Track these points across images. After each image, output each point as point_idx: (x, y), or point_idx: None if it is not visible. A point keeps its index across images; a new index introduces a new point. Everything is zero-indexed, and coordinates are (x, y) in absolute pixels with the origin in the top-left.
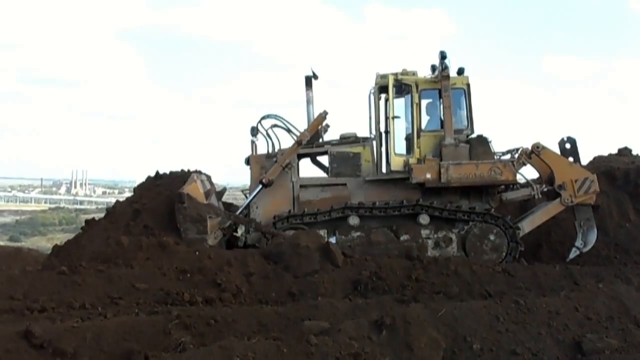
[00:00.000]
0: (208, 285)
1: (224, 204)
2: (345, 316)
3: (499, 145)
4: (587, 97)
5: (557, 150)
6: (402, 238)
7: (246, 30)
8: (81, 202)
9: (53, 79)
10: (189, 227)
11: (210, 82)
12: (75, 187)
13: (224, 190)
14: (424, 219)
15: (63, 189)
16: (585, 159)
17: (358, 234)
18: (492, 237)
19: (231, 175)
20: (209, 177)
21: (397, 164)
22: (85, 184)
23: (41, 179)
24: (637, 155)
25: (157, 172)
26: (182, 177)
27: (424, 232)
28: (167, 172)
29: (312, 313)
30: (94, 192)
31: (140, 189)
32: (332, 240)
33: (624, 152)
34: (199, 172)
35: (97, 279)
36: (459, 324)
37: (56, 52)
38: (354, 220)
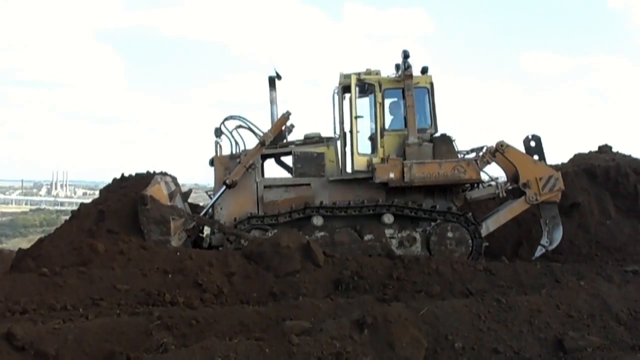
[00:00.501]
0: (189, 285)
1: (191, 205)
2: (327, 316)
3: (466, 143)
4: (567, 94)
5: (522, 149)
6: (365, 238)
7: (225, 31)
8: (62, 204)
9: (33, 81)
10: (152, 229)
11: (189, 83)
12: (55, 188)
13: (189, 191)
14: (388, 218)
15: (44, 191)
16: (565, 157)
17: (322, 234)
18: (455, 235)
19: (211, 175)
20: (174, 179)
21: (360, 163)
22: (66, 185)
23: (22, 181)
24: (618, 152)
25: (123, 174)
26: (147, 178)
27: (388, 232)
28: (133, 174)
29: (293, 313)
30: (75, 193)
31: (106, 191)
32: None
33: (605, 149)
34: (163, 174)
35: (78, 280)
36: (441, 323)
37: (36, 53)
38: (317, 221)
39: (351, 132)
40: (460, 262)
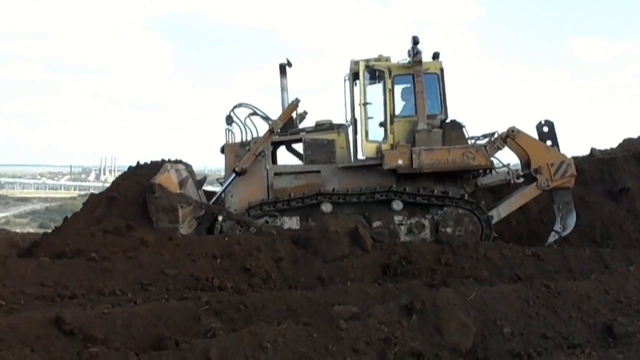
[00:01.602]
0: (237, 270)
1: (207, 192)
2: (375, 301)
3: (480, 129)
4: (615, 79)
5: (535, 134)
6: (374, 224)
7: (273, 17)
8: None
9: (80, 67)
10: (160, 217)
11: (236, 69)
12: (104, 173)
13: (204, 179)
14: (397, 205)
15: (92, 176)
16: (614, 142)
17: None
18: (465, 223)
19: None
20: (188, 166)
21: (369, 150)
22: (114, 171)
23: (70, 166)
24: None
25: (138, 162)
26: (160, 167)
27: (397, 218)
28: (149, 161)
29: (341, 298)
30: None
31: (120, 179)
32: None
33: None
34: (176, 162)
35: (126, 265)
36: (489, 308)
37: (84, 40)
38: (326, 207)
39: (360, 118)
40: (509, 247)
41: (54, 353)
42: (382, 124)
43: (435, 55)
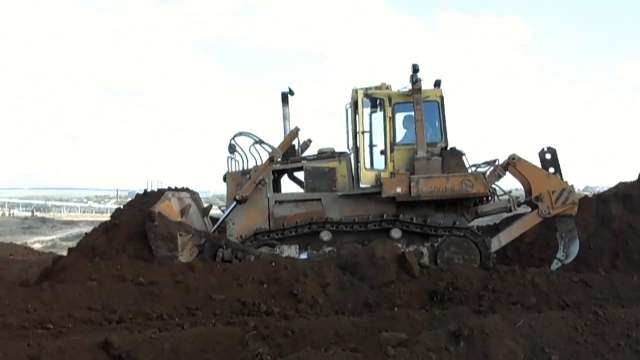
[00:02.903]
0: (284, 296)
1: (213, 219)
2: (422, 327)
3: (482, 156)
4: None
5: (538, 161)
6: None
7: (321, 41)
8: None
9: (128, 90)
10: (159, 245)
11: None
12: None
13: (210, 206)
14: (396, 232)
15: None
16: None
17: (330, 249)
18: (463, 250)
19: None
20: (194, 194)
21: (367, 178)
22: None
23: (117, 190)
24: None
25: (145, 190)
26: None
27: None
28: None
29: (389, 324)
30: None
31: (128, 206)
32: (304, 255)
33: None
34: (183, 189)
35: (174, 289)
36: (537, 335)
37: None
38: (326, 236)
39: (357, 147)
40: (556, 273)
41: None
42: (382, 152)
43: (437, 83)
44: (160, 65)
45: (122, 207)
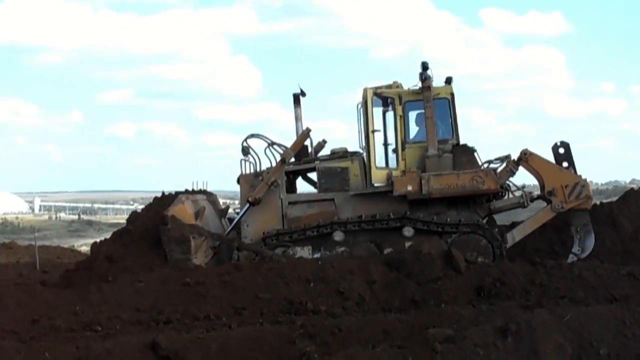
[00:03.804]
0: (331, 294)
1: (230, 220)
2: (470, 323)
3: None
4: None
5: (551, 156)
6: (385, 251)
7: (362, 39)
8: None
9: (170, 92)
10: (173, 248)
11: (326, 91)
12: None
13: (227, 207)
14: (408, 231)
15: None
16: None
17: (343, 249)
18: (476, 248)
19: None
20: (212, 196)
21: (378, 177)
22: None
23: (162, 192)
24: None
25: (163, 193)
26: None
27: (408, 244)
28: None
29: (436, 320)
30: None
31: (146, 210)
32: (317, 256)
33: None
34: (200, 192)
35: (221, 289)
36: (585, 329)
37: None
38: (338, 236)
39: (368, 146)
40: (604, 267)
41: None
42: (394, 151)
43: (448, 80)
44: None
45: (138, 210)
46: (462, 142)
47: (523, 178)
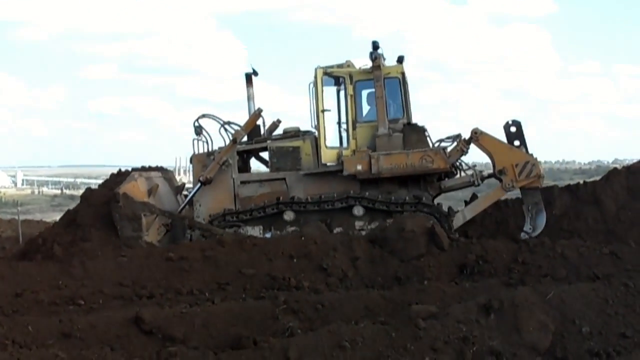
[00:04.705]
0: (314, 270)
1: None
2: (453, 300)
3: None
4: None
5: (503, 134)
6: (335, 230)
7: (345, 15)
8: (187, 189)
9: (154, 67)
10: (124, 225)
11: (310, 67)
12: (179, 174)
13: (182, 185)
14: (357, 210)
15: None
16: None
17: (293, 228)
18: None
19: None
20: (168, 172)
21: (329, 157)
22: (189, 171)
23: (147, 166)
24: None
25: (120, 169)
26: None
27: (358, 224)
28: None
29: (419, 297)
30: None
31: (102, 186)
32: (267, 236)
33: None
34: (156, 169)
35: (204, 264)
36: (568, 307)
37: (157, 40)
38: (288, 216)
39: (319, 125)
40: (586, 245)
41: (133, 352)
42: (346, 130)
43: (400, 60)
44: (185, 42)
45: (93, 187)
46: (415, 121)
47: (479, 157)
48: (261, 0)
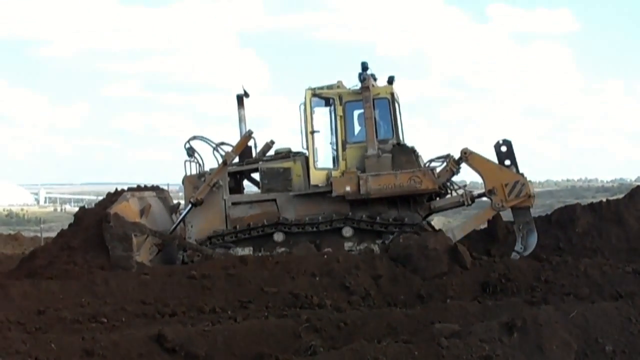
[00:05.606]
0: (336, 288)
1: None
2: (475, 318)
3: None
4: None
5: (494, 154)
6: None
7: (369, 33)
8: (181, 209)
9: (177, 85)
10: (115, 245)
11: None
12: None
13: (178, 204)
14: (347, 231)
15: None
16: None
17: (283, 249)
18: None
19: None
20: (163, 192)
21: (318, 178)
22: None
23: (168, 184)
24: None
25: (116, 189)
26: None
27: (347, 245)
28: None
29: (441, 315)
30: None
31: (98, 205)
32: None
33: None
34: (151, 188)
35: (226, 283)
36: (591, 326)
37: (179, 59)
38: (278, 237)
39: (308, 147)
40: (609, 264)
41: None
42: (336, 151)
43: (389, 80)
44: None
45: (86, 206)
46: (407, 142)
47: (471, 176)
48: (283, 18)
